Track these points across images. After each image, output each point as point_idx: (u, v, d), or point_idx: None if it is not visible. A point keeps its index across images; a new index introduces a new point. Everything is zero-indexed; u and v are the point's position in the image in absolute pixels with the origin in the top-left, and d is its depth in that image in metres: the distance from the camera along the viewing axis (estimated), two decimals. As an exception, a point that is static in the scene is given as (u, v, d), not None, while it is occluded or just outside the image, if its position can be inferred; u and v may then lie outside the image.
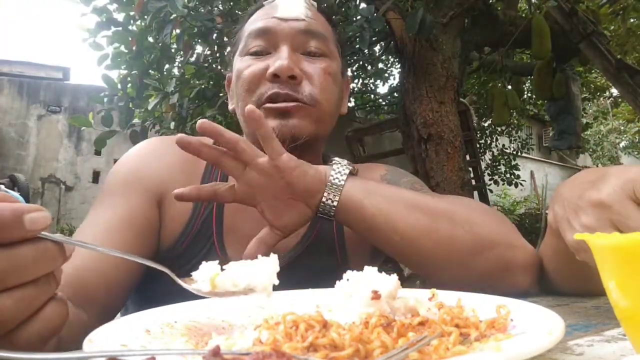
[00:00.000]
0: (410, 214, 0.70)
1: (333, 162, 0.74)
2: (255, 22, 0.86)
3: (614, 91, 8.69)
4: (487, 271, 0.70)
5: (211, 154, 0.68)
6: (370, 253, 0.94)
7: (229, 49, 0.97)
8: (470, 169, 4.47)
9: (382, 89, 9.09)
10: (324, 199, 0.70)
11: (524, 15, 4.50)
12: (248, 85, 0.82)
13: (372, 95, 6.81)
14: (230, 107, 0.92)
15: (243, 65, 0.83)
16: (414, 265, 0.75)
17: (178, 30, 3.03)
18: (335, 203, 0.70)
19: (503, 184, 7.53)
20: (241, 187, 0.70)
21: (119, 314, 0.96)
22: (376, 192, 0.71)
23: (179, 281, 0.47)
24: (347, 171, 0.72)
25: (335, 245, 0.90)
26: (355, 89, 6.76)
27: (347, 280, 0.46)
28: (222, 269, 0.48)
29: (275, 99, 0.79)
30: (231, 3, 3.41)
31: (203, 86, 3.57)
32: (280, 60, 0.79)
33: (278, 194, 0.70)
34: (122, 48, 3.34)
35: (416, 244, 0.70)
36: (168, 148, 0.87)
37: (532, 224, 9.39)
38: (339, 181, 0.70)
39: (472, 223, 0.72)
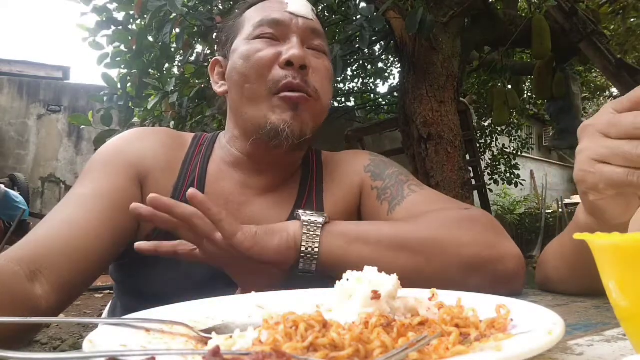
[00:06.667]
0: (397, 256, 0.69)
1: (301, 217, 0.71)
2: (266, 11, 0.88)
3: (614, 91, 8.68)
4: (480, 286, 0.69)
5: (166, 222, 0.66)
6: None
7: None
8: (470, 168, 4.47)
9: (382, 88, 9.09)
10: (301, 265, 0.68)
11: (524, 14, 4.49)
12: (260, 69, 0.82)
13: (372, 95, 6.80)
14: (219, 89, 0.93)
15: (253, 48, 0.84)
16: None
17: (178, 30, 3.03)
18: (313, 266, 0.68)
19: (503, 184, 7.52)
20: (203, 254, 0.68)
21: (112, 303, 0.96)
22: (357, 240, 0.70)
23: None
24: (320, 225, 0.70)
25: None
26: (355, 88, 6.75)
27: (347, 280, 0.46)
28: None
29: (290, 88, 0.81)
30: (231, 2, 3.40)
31: (203, 85, 3.57)
32: (294, 49, 0.82)
33: (241, 264, 0.68)
34: (122, 47, 3.34)
35: (408, 282, 0.69)
36: (151, 134, 0.92)
37: (532, 224, 9.39)
38: (314, 241, 0.68)
39: (460, 246, 0.71)
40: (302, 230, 0.69)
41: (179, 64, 3.85)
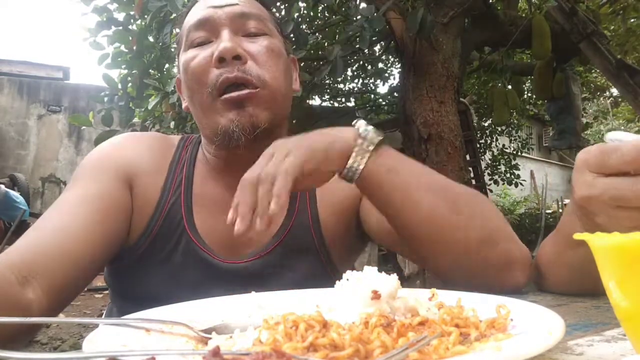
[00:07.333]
0: (433, 198, 0.70)
1: (360, 127, 0.72)
2: (192, 16, 0.88)
3: (614, 91, 8.69)
4: (490, 264, 0.70)
5: None
6: (348, 246, 0.94)
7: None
8: (471, 168, 4.47)
9: (382, 88, 9.08)
10: (351, 163, 0.69)
11: (524, 15, 4.49)
12: (197, 76, 0.82)
13: (372, 95, 6.79)
14: (184, 105, 0.93)
15: (189, 58, 0.84)
16: (423, 248, 0.74)
17: (178, 30, 3.03)
18: (360, 168, 0.69)
19: (503, 184, 7.53)
20: None
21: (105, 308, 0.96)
22: (402, 169, 0.71)
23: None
24: (376, 141, 0.71)
25: (313, 238, 0.89)
26: (355, 89, 6.74)
27: (347, 280, 0.46)
28: None
29: (227, 86, 0.80)
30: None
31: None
32: (223, 43, 0.80)
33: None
34: (123, 47, 3.33)
35: (433, 228, 0.70)
36: (139, 139, 0.93)
37: (532, 224, 9.38)
38: (362, 156, 0.70)
39: (485, 214, 0.73)
40: (359, 138, 0.71)
41: (179, 64, 3.84)
